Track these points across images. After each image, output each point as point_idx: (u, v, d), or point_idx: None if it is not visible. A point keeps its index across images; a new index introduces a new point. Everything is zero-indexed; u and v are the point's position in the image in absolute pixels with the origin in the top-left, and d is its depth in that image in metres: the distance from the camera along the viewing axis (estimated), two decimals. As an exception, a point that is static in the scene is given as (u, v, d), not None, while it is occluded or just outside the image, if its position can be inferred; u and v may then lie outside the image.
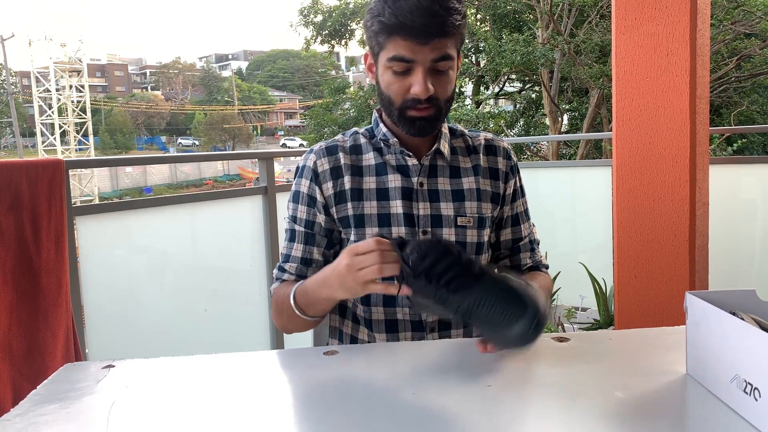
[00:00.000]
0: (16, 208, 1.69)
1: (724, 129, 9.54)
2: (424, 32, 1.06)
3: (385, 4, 1.08)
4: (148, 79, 61.22)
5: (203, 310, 2.42)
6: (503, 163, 1.27)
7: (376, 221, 1.18)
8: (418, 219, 1.19)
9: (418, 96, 1.10)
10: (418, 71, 1.09)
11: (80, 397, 0.88)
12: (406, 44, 1.08)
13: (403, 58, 1.09)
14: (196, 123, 46.01)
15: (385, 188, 1.20)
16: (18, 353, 1.68)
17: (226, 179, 33.66)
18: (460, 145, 1.27)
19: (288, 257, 1.23)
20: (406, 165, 1.21)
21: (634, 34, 2.19)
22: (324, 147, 1.24)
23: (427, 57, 1.08)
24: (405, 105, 1.13)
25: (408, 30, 1.06)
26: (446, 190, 1.22)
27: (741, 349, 0.75)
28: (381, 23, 1.09)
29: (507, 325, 0.84)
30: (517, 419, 0.77)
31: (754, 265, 3.12)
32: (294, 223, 1.23)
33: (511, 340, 0.85)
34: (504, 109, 15.18)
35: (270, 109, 53.86)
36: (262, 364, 1.01)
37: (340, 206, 1.21)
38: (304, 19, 19.05)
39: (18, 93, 42.16)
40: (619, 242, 2.30)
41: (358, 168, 1.22)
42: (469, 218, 1.21)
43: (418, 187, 1.20)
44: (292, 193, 1.25)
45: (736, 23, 10.06)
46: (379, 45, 1.12)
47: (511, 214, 1.28)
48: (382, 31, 1.09)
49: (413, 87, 1.10)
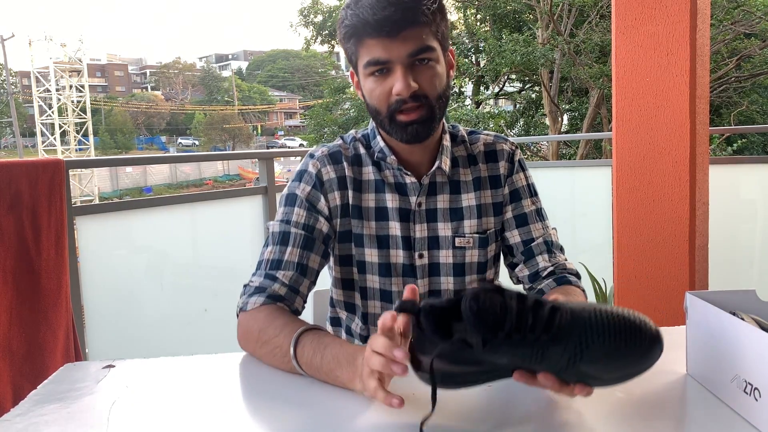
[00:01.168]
0: (16, 208, 1.69)
1: (724, 129, 9.54)
2: (390, 24, 0.99)
3: (348, 8, 1.03)
4: (148, 79, 61.19)
5: (203, 310, 2.42)
6: (504, 166, 1.19)
7: (375, 242, 1.13)
8: (414, 241, 1.14)
9: (400, 95, 1.02)
10: (397, 69, 1.02)
11: (80, 397, 0.88)
12: (376, 43, 1.01)
13: (378, 60, 1.02)
14: (196, 123, 46.00)
15: (384, 207, 1.14)
16: (18, 353, 1.68)
17: (226, 179, 33.64)
18: (462, 153, 1.19)
19: (279, 263, 1.07)
20: (404, 183, 1.14)
21: (634, 34, 2.19)
22: (328, 154, 1.16)
23: (402, 52, 1.01)
24: (392, 109, 1.05)
25: (372, 26, 1.00)
26: (445, 208, 1.15)
27: (741, 350, 0.75)
28: (347, 27, 1.03)
29: (631, 349, 0.70)
30: (517, 419, 0.77)
31: (754, 265, 3.11)
32: (288, 226, 1.10)
33: (637, 364, 0.72)
34: (504, 109, 15.20)
35: (270, 109, 53.85)
36: (262, 364, 1.00)
37: (344, 220, 1.14)
38: (304, 19, 19.06)
39: (18, 93, 42.15)
40: (619, 242, 2.30)
41: (359, 183, 1.15)
42: (468, 239, 1.15)
43: (416, 208, 1.14)
44: (285, 197, 1.14)
45: (736, 23, 10.07)
46: (354, 54, 1.06)
47: (516, 215, 1.18)
48: (350, 37, 1.04)
49: (394, 86, 1.02)
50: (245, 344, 1.02)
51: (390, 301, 1.15)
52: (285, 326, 0.96)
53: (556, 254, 1.17)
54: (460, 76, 12.94)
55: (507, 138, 1.23)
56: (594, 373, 0.71)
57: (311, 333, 0.93)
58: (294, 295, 1.06)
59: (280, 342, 0.94)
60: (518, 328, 0.68)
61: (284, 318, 0.99)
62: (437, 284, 1.16)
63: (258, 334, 0.98)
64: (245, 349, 1.03)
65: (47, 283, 1.74)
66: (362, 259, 1.15)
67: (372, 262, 1.14)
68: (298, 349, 0.91)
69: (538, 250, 1.16)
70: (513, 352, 0.70)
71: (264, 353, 0.97)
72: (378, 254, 1.13)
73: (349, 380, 0.85)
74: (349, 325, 1.22)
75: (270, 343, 0.95)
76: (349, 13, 1.02)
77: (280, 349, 0.93)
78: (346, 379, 0.85)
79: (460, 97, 14.29)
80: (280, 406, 0.84)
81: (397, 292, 1.14)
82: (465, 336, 0.70)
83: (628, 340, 0.70)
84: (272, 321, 0.98)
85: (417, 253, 1.14)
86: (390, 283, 1.14)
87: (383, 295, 1.16)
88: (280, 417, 0.81)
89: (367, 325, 1.18)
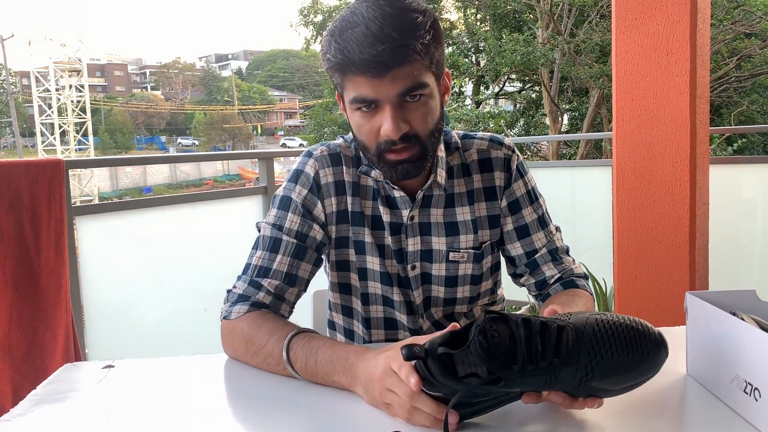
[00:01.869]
0: (16, 208, 1.69)
1: (724, 129, 9.54)
2: (377, 65, 0.89)
3: (332, 38, 0.93)
4: (148, 78, 61.22)
5: (203, 310, 2.42)
6: (500, 177, 1.13)
7: (376, 251, 1.10)
8: (407, 254, 1.11)
9: (389, 137, 0.95)
10: (385, 108, 0.94)
11: (80, 397, 0.88)
12: (362, 80, 0.92)
13: (364, 98, 0.94)
14: (196, 123, 46.02)
15: (379, 216, 1.10)
16: (18, 353, 1.68)
17: (226, 179, 33.65)
18: (456, 162, 1.13)
19: (267, 271, 1.03)
20: (394, 197, 1.09)
21: (634, 33, 2.19)
22: (327, 154, 1.10)
23: (390, 92, 0.92)
24: (381, 148, 0.97)
25: (357, 66, 0.90)
26: (439, 222, 1.11)
27: (741, 350, 0.75)
28: (330, 62, 0.94)
29: (639, 359, 0.71)
30: (517, 419, 0.77)
31: (754, 265, 3.11)
32: (279, 232, 1.05)
33: (646, 372, 0.73)
34: (504, 109, 15.19)
35: (270, 109, 53.87)
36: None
37: (341, 226, 1.10)
38: (304, 19, 19.07)
39: (18, 93, 42.15)
40: (619, 242, 2.30)
41: (358, 187, 1.10)
42: (463, 254, 1.11)
43: (408, 222, 1.09)
44: (279, 199, 1.09)
45: (736, 23, 10.07)
46: (340, 85, 0.98)
47: (517, 226, 1.14)
48: (334, 70, 0.95)
49: (383, 127, 0.95)
50: (232, 353, 1.01)
51: (392, 306, 1.14)
52: (272, 334, 0.94)
53: (561, 260, 1.14)
54: (460, 76, 12.93)
55: (503, 141, 1.15)
56: (605, 386, 0.72)
57: (301, 337, 0.92)
58: (279, 303, 1.04)
59: (270, 350, 0.93)
60: (530, 359, 0.69)
61: (268, 324, 0.97)
62: (429, 291, 1.15)
63: (246, 345, 0.97)
64: (231, 356, 1.01)
65: (47, 283, 1.74)
66: (364, 266, 1.12)
67: (374, 269, 1.12)
68: (291, 354, 0.90)
69: (543, 260, 1.14)
70: (527, 382, 0.70)
71: (257, 363, 0.96)
72: (379, 263, 1.11)
73: (348, 384, 0.85)
74: (348, 328, 1.20)
75: (261, 353, 0.94)
76: (334, 46, 0.92)
77: (272, 357, 0.93)
78: (345, 383, 0.85)
79: (460, 97, 14.29)
80: (280, 406, 0.84)
81: (399, 301, 1.13)
82: (476, 371, 0.71)
83: (636, 351, 0.71)
84: (257, 329, 0.96)
85: (410, 265, 1.11)
86: (392, 292, 1.13)
87: (385, 301, 1.14)
88: (280, 416, 0.81)
89: (369, 330, 1.17)
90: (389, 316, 1.15)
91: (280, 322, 0.98)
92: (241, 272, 1.07)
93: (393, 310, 1.14)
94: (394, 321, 1.15)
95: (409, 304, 1.13)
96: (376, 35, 0.89)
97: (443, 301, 1.15)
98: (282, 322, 0.99)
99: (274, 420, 0.80)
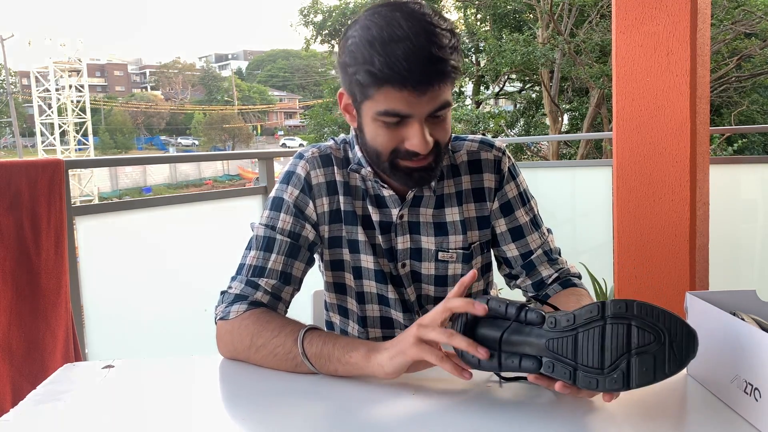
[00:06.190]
0: (15, 208, 1.69)
1: (724, 129, 9.55)
2: (423, 82, 0.91)
3: (373, 49, 0.91)
4: (148, 78, 61.19)
5: (203, 310, 2.41)
6: (490, 179, 1.14)
7: (370, 249, 1.11)
8: (397, 252, 1.12)
9: (416, 151, 0.97)
10: (414, 124, 0.95)
11: (80, 397, 0.88)
12: (401, 96, 0.92)
13: (397, 113, 0.94)
14: (196, 123, 46.01)
15: (368, 215, 1.11)
16: (18, 353, 1.68)
17: (226, 179, 33.66)
18: (446, 163, 1.13)
19: (262, 270, 1.04)
20: (383, 196, 1.10)
21: (634, 33, 2.19)
22: (318, 156, 1.11)
23: (425, 110, 0.94)
24: (397, 156, 0.99)
25: (404, 81, 0.90)
26: (428, 222, 1.12)
27: (741, 350, 0.75)
28: (370, 73, 0.92)
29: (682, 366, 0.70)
30: (517, 419, 0.77)
31: (754, 265, 3.11)
32: (273, 232, 1.07)
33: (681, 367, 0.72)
34: (504, 109, 15.20)
35: (270, 109, 53.85)
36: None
37: (333, 226, 1.11)
38: (304, 18, 19.06)
39: (18, 93, 42.17)
40: (619, 242, 2.30)
41: (350, 187, 1.11)
42: (452, 254, 1.13)
43: (397, 221, 1.11)
44: (272, 200, 1.10)
45: (737, 23, 10.08)
46: (364, 95, 0.96)
47: (511, 228, 1.15)
48: (370, 82, 0.93)
49: (410, 141, 0.96)
50: (232, 351, 1.00)
51: (388, 305, 1.15)
52: (283, 327, 0.96)
53: (557, 260, 1.16)
54: (460, 76, 12.93)
55: (493, 143, 1.16)
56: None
57: (318, 330, 0.95)
58: (276, 302, 1.05)
59: (282, 341, 0.94)
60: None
61: (279, 320, 0.99)
62: (420, 290, 1.16)
63: (251, 339, 0.97)
64: (229, 356, 1.01)
65: (47, 283, 1.74)
66: (358, 265, 1.13)
67: (368, 268, 1.13)
68: (306, 342, 0.92)
69: (539, 261, 1.15)
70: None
71: (261, 356, 0.96)
72: (373, 261, 1.12)
73: (365, 355, 0.88)
74: (343, 329, 1.21)
75: (268, 345, 0.95)
76: (378, 60, 0.90)
77: (282, 347, 0.94)
78: (363, 355, 0.88)
79: (460, 97, 14.30)
80: (280, 406, 0.84)
81: (394, 299, 1.13)
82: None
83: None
84: (266, 324, 0.97)
85: (400, 263, 1.13)
86: (387, 290, 1.13)
87: (381, 299, 1.15)
88: (280, 416, 0.81)
89: (366, 329, 1.17)
90: (385, 314, 1.16)
91: (288, 320, 1.01)
92: (234, 273, 1.07)
93: (389, 309, 1.15)
94: (390, 320, 1.16)
95: (404, 302, 1.14)
96: (423, 52, 0.90)
97: (434, 299, 1.16)
98: (291, 320, 1.01)
99: (274, 420, 0.80)
